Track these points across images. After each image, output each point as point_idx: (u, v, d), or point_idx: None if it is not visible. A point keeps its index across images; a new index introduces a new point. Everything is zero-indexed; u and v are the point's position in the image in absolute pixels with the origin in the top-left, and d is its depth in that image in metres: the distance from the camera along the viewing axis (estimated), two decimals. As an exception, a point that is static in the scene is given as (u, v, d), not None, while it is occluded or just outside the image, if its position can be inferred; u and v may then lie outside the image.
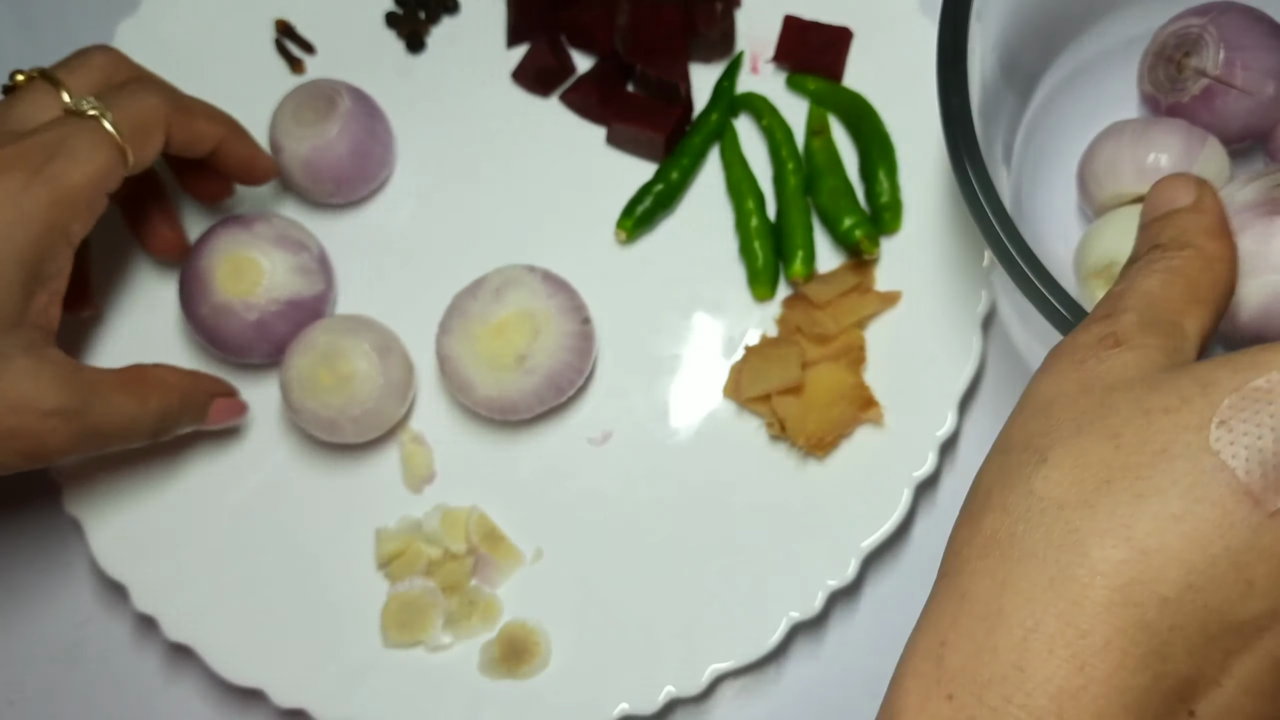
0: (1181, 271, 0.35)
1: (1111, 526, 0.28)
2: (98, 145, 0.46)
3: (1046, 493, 0.29)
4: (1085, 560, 0.27)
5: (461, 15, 0.60)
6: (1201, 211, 0.37)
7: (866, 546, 0.50)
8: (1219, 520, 0.27)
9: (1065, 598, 0.27)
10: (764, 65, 0.58)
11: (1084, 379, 0.32)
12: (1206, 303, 0.35)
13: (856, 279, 0.53)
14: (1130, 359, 0.31)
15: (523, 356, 0.51)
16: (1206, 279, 0.35)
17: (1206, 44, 0.49)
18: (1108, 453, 0.29)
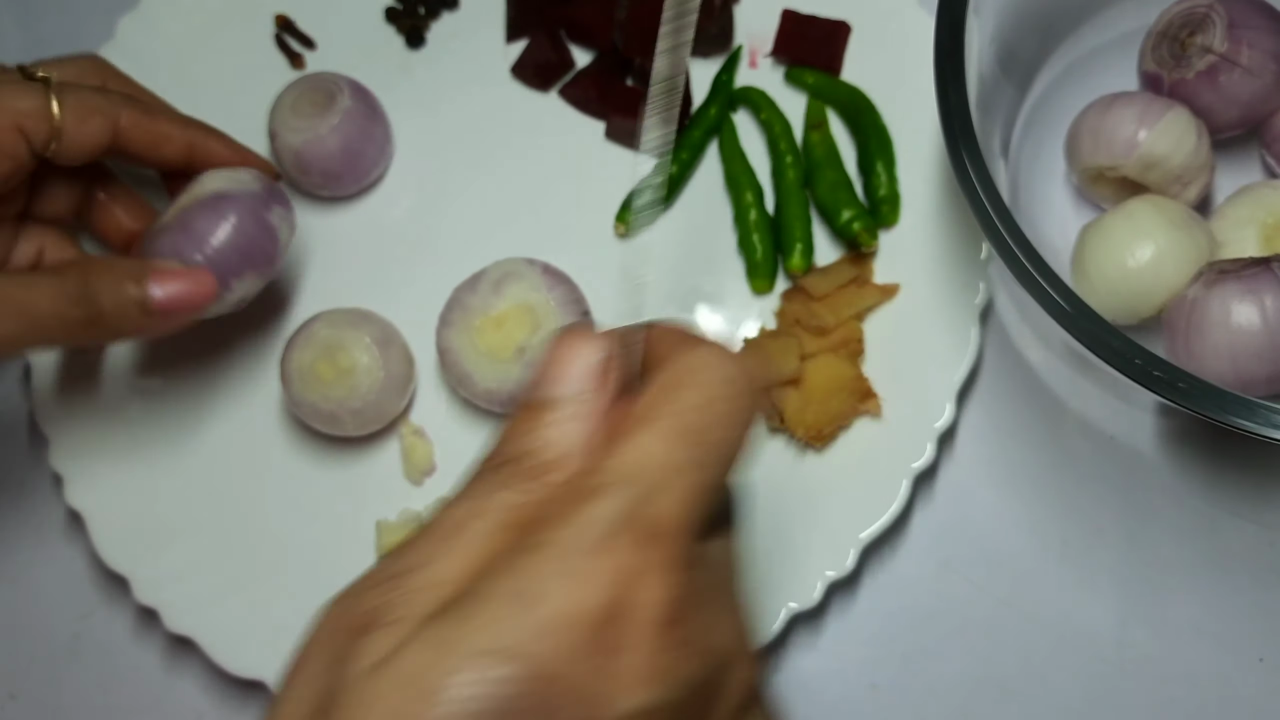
0: (514, 525, 0.29)
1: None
2: (25, 94, 0.46)
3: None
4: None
5: (461, 10, 0.61)
6: (575, 418, 0.31)
7: (865, 537, 0.50)
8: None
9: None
10: (762, 59, 0.58)
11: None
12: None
13: (855, 272, 0.54)
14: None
15: (523, 349, 0.51)
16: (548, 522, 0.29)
17: (1213, 23, 0.49)
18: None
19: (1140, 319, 0.48)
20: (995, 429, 0.53)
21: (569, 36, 0.59)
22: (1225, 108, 0.50)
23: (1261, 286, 0.45)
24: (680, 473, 0.29)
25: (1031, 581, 0.51)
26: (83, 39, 0.61)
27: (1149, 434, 0.53)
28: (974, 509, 0.53)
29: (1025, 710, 0.50)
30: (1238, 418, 0.39)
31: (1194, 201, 0.50)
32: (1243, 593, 0.51)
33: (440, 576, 0.28)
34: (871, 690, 0.51)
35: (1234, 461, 0.52)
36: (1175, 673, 0.50)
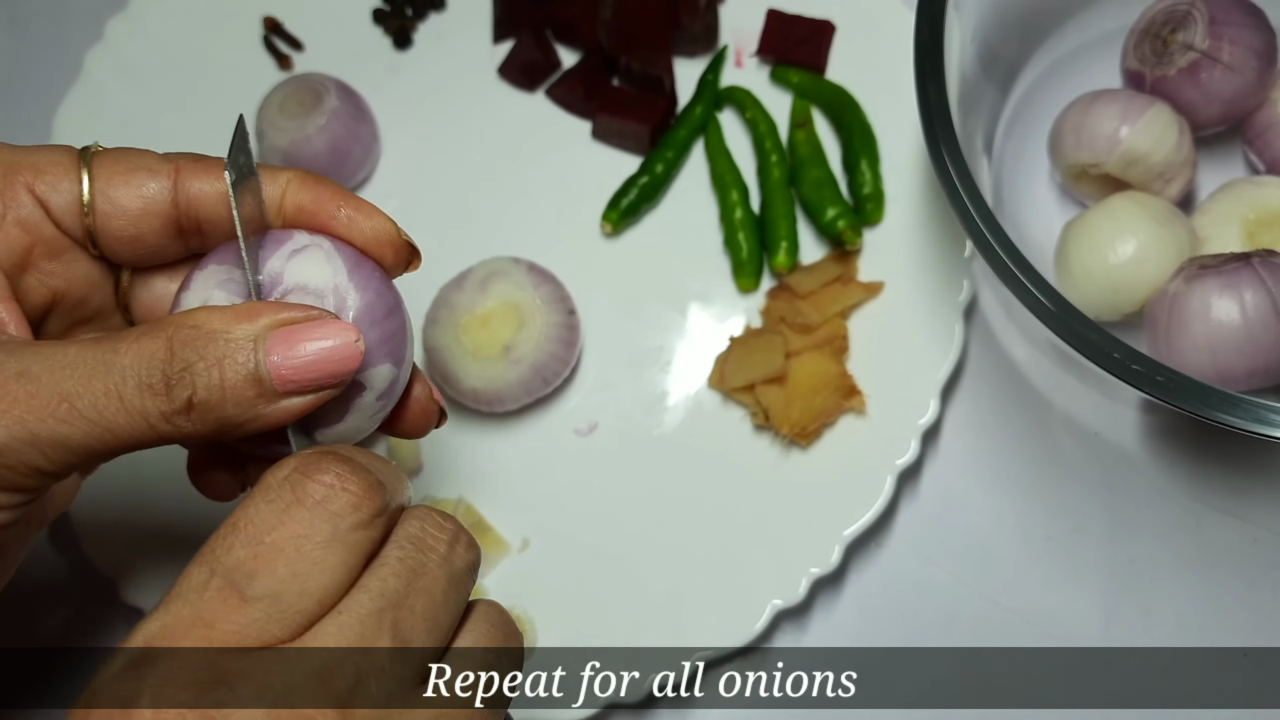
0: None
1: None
2: (46, 151, 0.35)
3: None
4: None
5: (448, 11, 0.61)
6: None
7: (849, 534, 0.50)
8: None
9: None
10: (747, 59, 0.58)
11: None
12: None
13: (839, 269, 0.54)
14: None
15: (508, 348, 0.51)
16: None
17: (1195, 20, 0.49)
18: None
19: (1123, 315, 0.48)
20: (980, 425, 0.54)
21: (555, 37, 0.59)
22: (1207, 104, 0.50)
23: (1242, 281, 0.45)
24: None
25: (1016, 577, 0.52)
26: (71, 41, 0.61)
27: (1133, 430, 0.53)
28: (958, 505, 0.53)
29: (1009, 705, 0.50)
30: (1217, 411, 0.40)
31: (1176, 198, 0.51)
32: (1227, 587, 0.51)
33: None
34: (856, 686, 0.51)
35: (1217, 457, 0.52)
36: (1160, 667, 0.50)
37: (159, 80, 0.59)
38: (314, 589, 0.29)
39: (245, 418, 0.31)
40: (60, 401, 0.30)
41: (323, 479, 0.30)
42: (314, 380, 0.31)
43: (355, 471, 0.30)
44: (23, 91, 0.63)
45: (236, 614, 0.28)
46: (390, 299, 0.34)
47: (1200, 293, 0.45)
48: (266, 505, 0.30)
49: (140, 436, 0.31)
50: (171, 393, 0.30)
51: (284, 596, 0.29)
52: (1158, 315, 0.46)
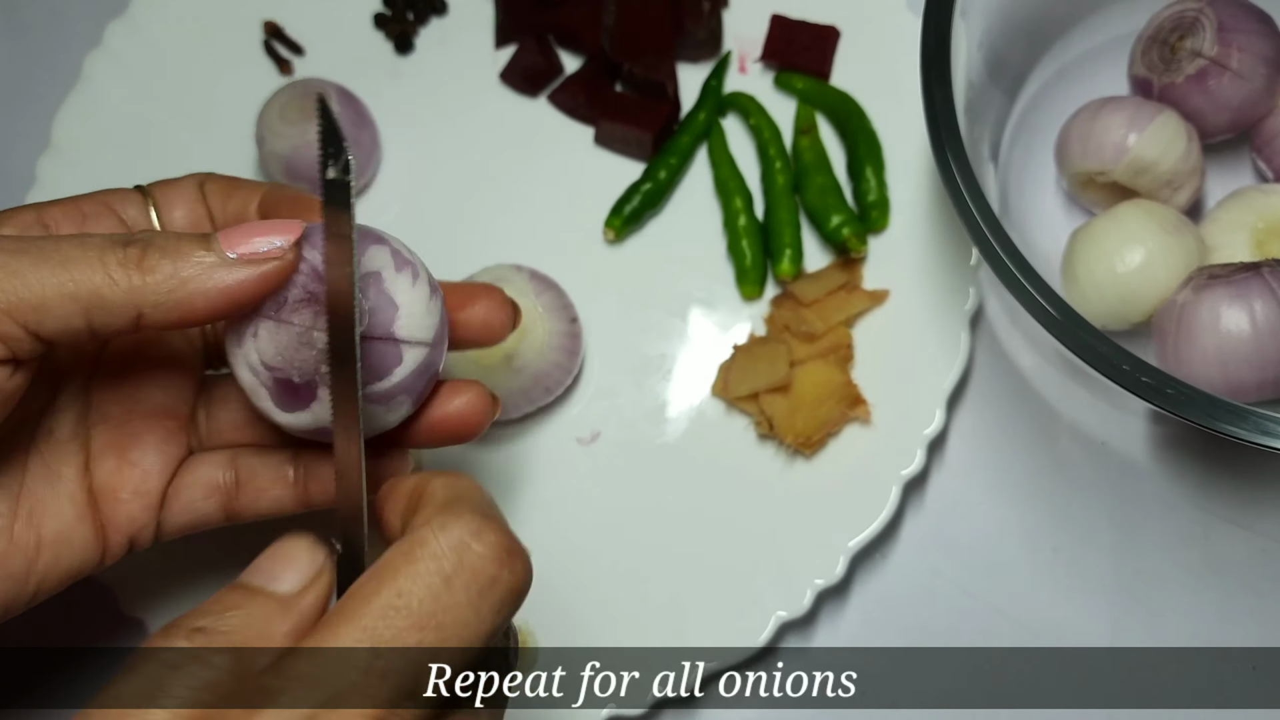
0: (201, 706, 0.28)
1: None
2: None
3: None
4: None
5: (450, 16, 0.60)
6: (288, 609, 0.31)
7: (855, 545, 0.49)
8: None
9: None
10: (751, 64, 0.58)
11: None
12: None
13: (844, 277, 0.53)
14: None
15: (510, 356, 0.51)
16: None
17: (1203, 26, 0.49)
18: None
19: (1130, 324, 0.48)
20: (986, 435, 0.53)
21: (558, 42, 0.59)
22: (1215, 112, 0.50)
23: (1251, 292, 0.44)
24: (375, 675, 0.29)
25: (1023, 588, 0.51)
26: (71, 45, 0.61)
27: (1141, 440, 0.53)
28: (965, 516, 0.52)
29: (1017, 718, 0.50)
30: (1227, 424, 0.39)
31: (1184, 206, 0.50)
32: (1235, 599, 0.50)
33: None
34: (862, 698, 0.51)
35: (1226, 468, 0.52)
36: (1168, 680, 0.50)
37: (158, 85, 0.59)
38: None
39: (192, 272, 0.33)
40: (35, 248, 0.33)
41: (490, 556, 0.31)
42: (254, 236, 0.34)
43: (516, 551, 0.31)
44: (22, 96, 0.63)
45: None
46: (434, 291, 0.38)
47: (1209, 303, 0.44)
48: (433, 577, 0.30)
49: (98, 285, 0.33)
50: (129, 245, 0.33)
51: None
52: (1166, 325, 0.46)
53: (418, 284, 0.37)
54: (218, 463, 0.41)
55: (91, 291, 0.33)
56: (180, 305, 0.33)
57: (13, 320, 0.32)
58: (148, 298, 0.33)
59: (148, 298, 0.33)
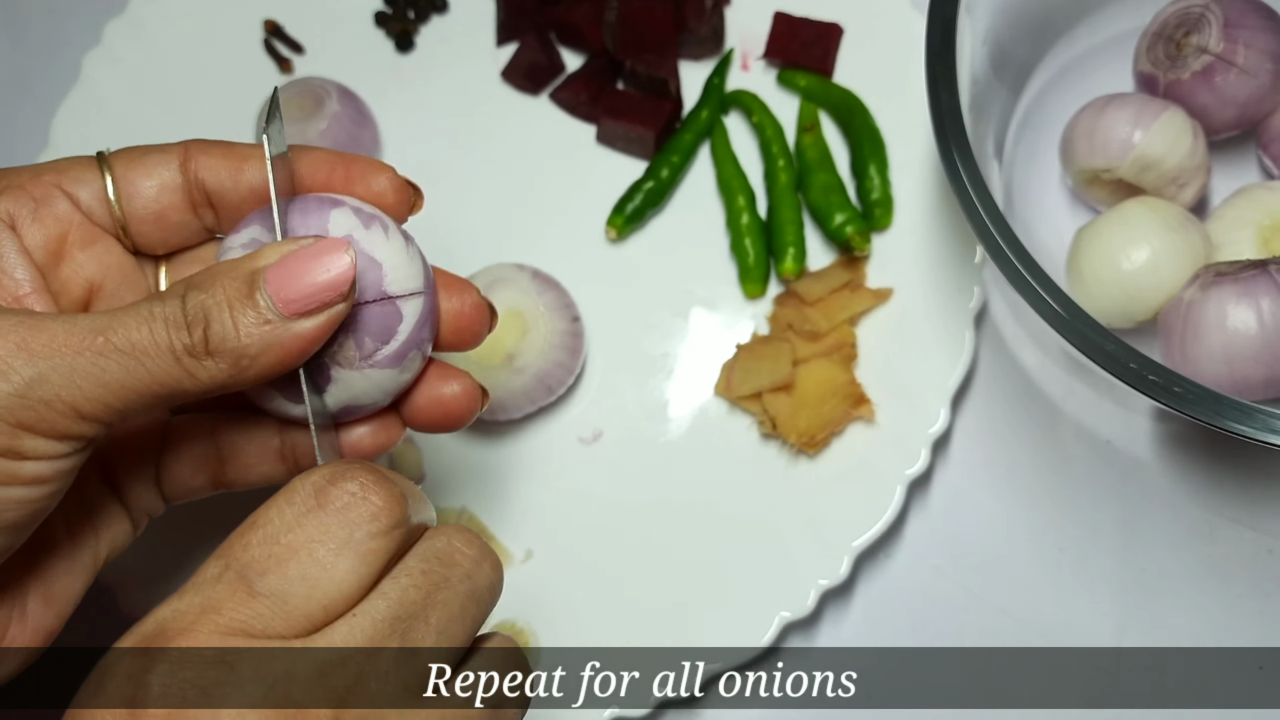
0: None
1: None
2: (67, 161, 0.38)
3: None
4: None
5: (451, 14, 0.60)
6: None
7: (859, 545, 0.49)
8: None
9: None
10: (754, 62, 0.58)
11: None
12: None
13: (848, 276, 0.53)
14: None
15: (512, 355, 0.51)
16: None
17: (1209, 23, 0.49)
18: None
19: (1136, 322, 0.48)
20: (990, 434, 0.53)
21: (559, 40, 0.59)
22: (1221, 108, 0.50)
23: (1258, 289, 0.44)
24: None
25: (1028, 588, 0.51)
26: (70, 44, 0.61)
27: (1146, 439, 0.52)
28: (969, 515, 0.52)
29: (1022, 718, 0.49)
30: (1233, 422, 0.39)
31: (1190, 203, 0.50)
32: (1241, 599, 0.50)
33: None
34: (866, 699, 0.50)
35: (1232, 466, 0.52)
36: (1173, 680, 0.49)
37: (158, 84, 0.59)
38: (320, 593, 0.30)
39: (260, 347, 0.32)
40: (95, 335, 0.31)
41: (347, 487, 0.31)
42: (312, 294, 0.32)
43: (380, 483, 0.31)
44: (21, 95, 0.62)
45: (243, 606, 0.29)
46: (407, 238, 0.37)
47: (1216, 300, 0.44)
48: (289, 508, 0.31)
49: (171, 375, 0.32)
50: (191, 328, 0.31)
51: (290, 596, 0.30)
52: (1172, 323, 0.46)
53: (391, 235, 0.36)
54: (198, 437, 0.39)
55: (175, 385, 0.32)
56: (257, 374, 0.32)
57: (96, 422, 0.31)
58: (225, 378, 0.32)
59: (225, 378, 0.32)
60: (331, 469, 0.32)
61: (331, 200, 0.36)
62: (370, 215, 0.36)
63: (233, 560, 0.30)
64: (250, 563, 0.30)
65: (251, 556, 0.30)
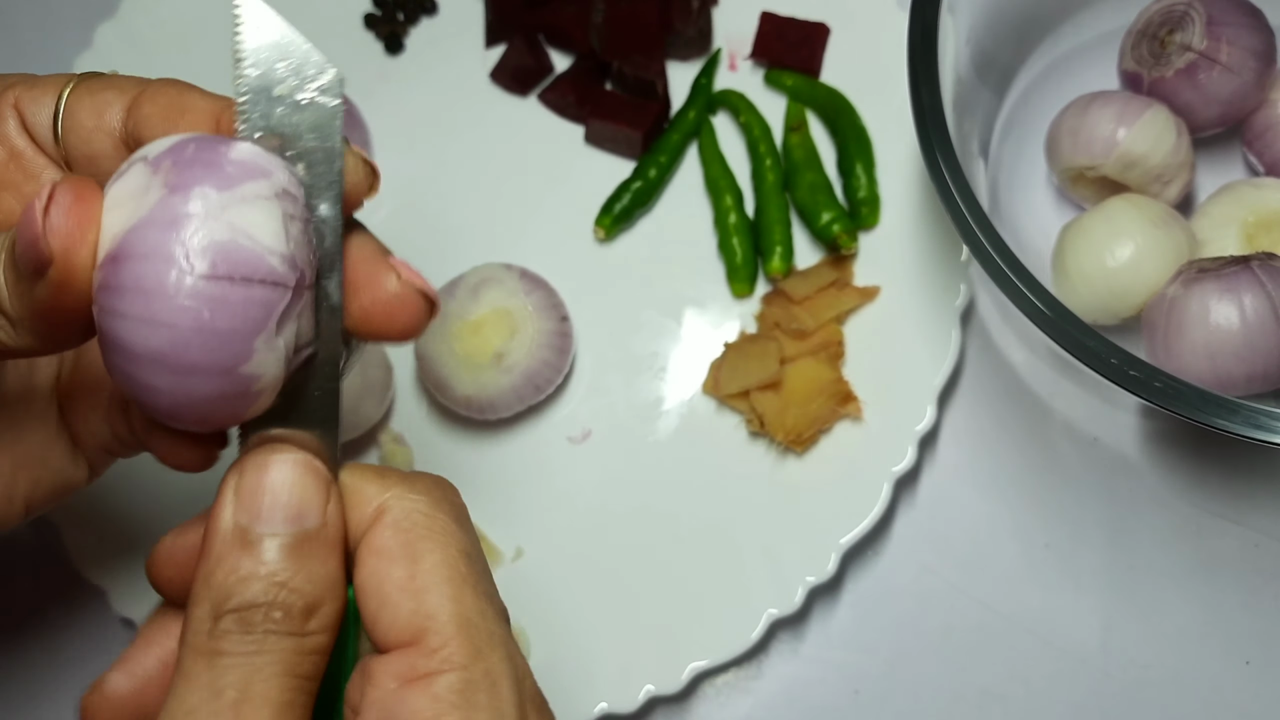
0: (306, 677, 0.28)
1: None
2: (14, 77, 0.35)
3: None
4: None
5: (440, 16, 0.60)
6: (326, 546, 0.29)
7: (846, 542, 0.49)
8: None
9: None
10: (741, 62, 0.58)
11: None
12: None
13: (835, 274, 0.53)
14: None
15: (501, 355, 0.51)
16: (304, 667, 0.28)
17: (1192, 20, 0.49)
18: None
19: (1121, 319, 0.48)
20: (977, 431, 0.53)
21: (547, 41, 0.59)
22: (1205, 106, 0.50)
23: (1241, 285, 0.44)
24: (503, 623, 0.29)
25: (1015, 585, 0.51)
26: (61, 47, 0.61)
27: (1133, 436, 0.52)
28: (956, 512, 0.52)
29: (1008, 715, 0.50)
30: (1216, 418, 0.39)
31: (1175, 200, 0.50)
32: (1228, 595, 0.50)
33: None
34: (854, 696, 0.50)
35: (1218, 463, 0.52)
36: (1161, 677, 0.50)
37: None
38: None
39: (25, 309, 0.28)
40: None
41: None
42: (25, 250, 0.27)
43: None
44: (12, 99, 0.62)
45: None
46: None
47: (1199, 297, 0.44)
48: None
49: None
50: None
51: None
52: (1156, 320, 0.46)
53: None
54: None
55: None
56: (46, 344, 0.29)
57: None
58: (22, 345, 0.29)
59: (22, 345, 0.29)
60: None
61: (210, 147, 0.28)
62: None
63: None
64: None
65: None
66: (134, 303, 0.27)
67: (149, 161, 0.28)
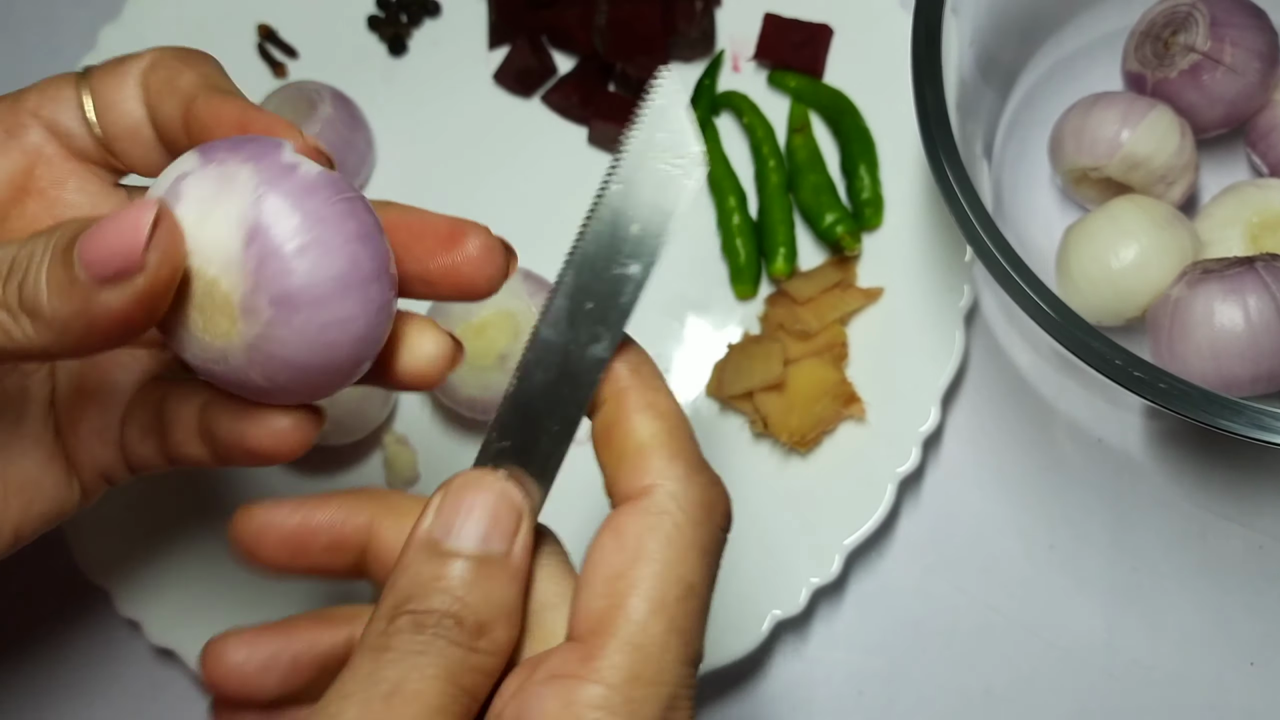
0: (466, 690, 0.28)
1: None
2: (45, 83, 0.35)
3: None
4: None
5: (443, 18, 0.60)
6: (508, 574, 0.30)
7: (850, 543, 0.49)
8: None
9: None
10: (745, 63, 0.58)
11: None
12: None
13: (838, 275, 0.53)
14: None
15: (505, 356, 0.51)
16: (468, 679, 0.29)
17: (1196, 21, 0.49)
18: None
19: (1125, 320, 0.48)
20: (981, 432, 0.53)
21: (551, 43, 0.59)
22: (1209, 107, 0.50)
23: (1245, 286, 0.44)
24: (691, 665, 0.28)
25: (1019, 586, 0.51)
26: (65, 48, 0.61)
27: (1137, 436, 0.52)
28: (960, 513, 0.52)
29: (1013, 716, 0.50)
30: (1220, 418, 0.39)
31: (1179, 201, 0.50)
32: (1233, 596, 0.50)
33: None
34: (859, 697, 0.50)
35: (1223, 464, 0.52)
36: (1165, 677, 0.50)
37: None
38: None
39: (68, 313, 0.28)
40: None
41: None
42: (107, 259, 0.27)
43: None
44: (16, 101, 0.63)
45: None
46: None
47: (1203, 297, 0.44)
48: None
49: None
50: (8, 280, 0.28)
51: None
52: (1160, 320, 0.46)
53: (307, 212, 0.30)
54: (149, 402, 0.36)
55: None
56: (76, 345, 0.28)
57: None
58: (39, 345, 0.29)
59: (39, 345, 0.29)
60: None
61: (261, 150, 0.30)
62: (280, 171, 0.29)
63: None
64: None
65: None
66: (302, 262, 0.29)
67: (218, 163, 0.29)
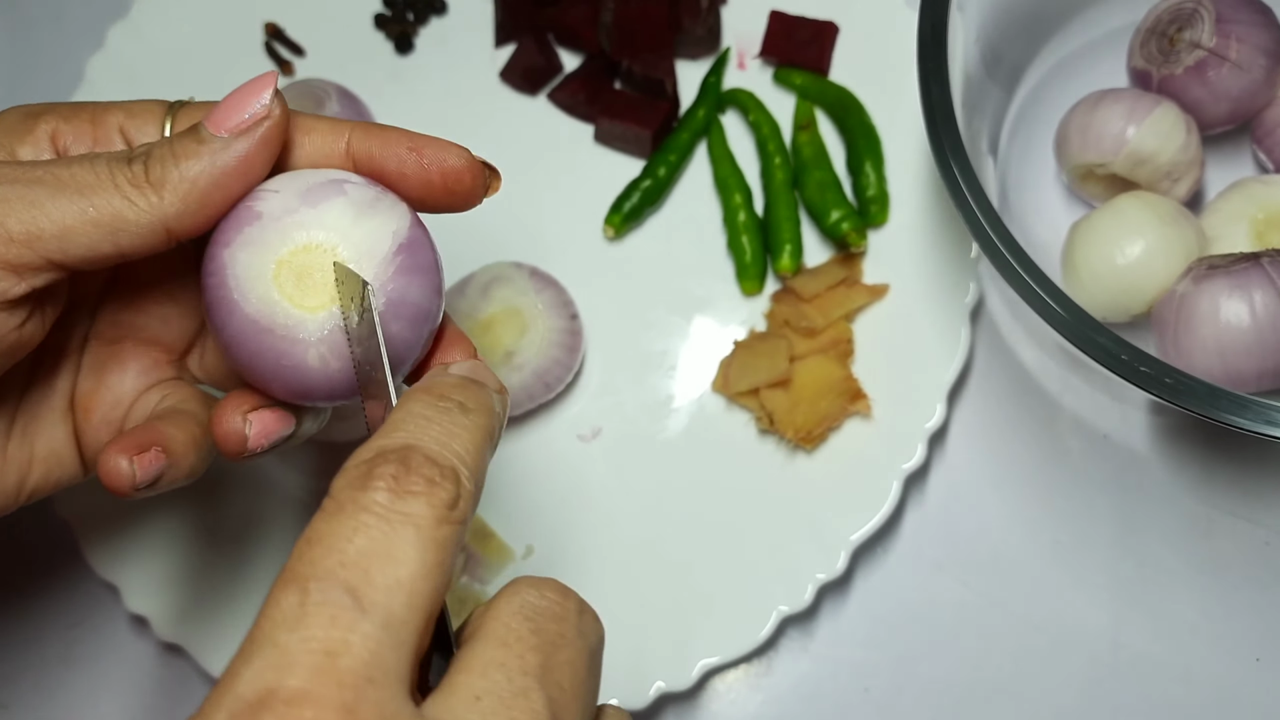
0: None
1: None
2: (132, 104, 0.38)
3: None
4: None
5: (449, 16, 0.61)
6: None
7: (856, 539, 0.49)
8: None
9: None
10: (750, 60, 0.58)
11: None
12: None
13: (844, 272, 0.53)
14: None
15: (511, 353, 0.51)
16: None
17: (1201, 18, 0.49)
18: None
19: (1131, 316, 0.48)
20: (987, 428, 0.53)
21: (557, 40, 0.59)
22: (1214, 103, 0.50)
23: (1251, 282, 0.44)
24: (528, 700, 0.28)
25: (1024, 582, 0.51)
26: (73, 47, 0.61)
27: (1142, 432, 0.52)
28: (966, 510, 0.52)
29: (1019, 712, 0.50)
30: (1226, 413, 0.39)
31: (1184, 197, 0.50)
32: (1238, 592, 0.50)
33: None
34: (864, 693, 0.51)
35: (1228, 459, 0.52)
36: (1171, 673, 0.50)
37: (161, 87, 0.59)
38: (418, 600, 0.26)
39: (198, 169, 0.33)
40: (37, 169, 0.33)
41: (379, 485, 0.28)
42: (243, 111, 0.34)
43: (412, 470, 0.28)
44: (24, 98, 0.62)
45: (352, 636, 0.25)
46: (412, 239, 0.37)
47: (1209, 293, 0.44)
48: (339, 514, 0.27)
49: (110, 206, 0.33)
50: (132, 162, 0.33)
51: (391, 613, 0.26)
52: (1166, 316, 0.46)
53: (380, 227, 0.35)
54: (154, 399, 0.39)
55: (114, 216, 0.32)
56: (200, 204, 0.33)
57: (34, 251, 0.32)
58: (167, 211, 0.33)
59: (167, 211, 0.33)
60: (361, 467, 0.28)
61: (336, 184, 0.34)
62: (369, 203, 0.35)
63: (311, 582, 0.26)
64: (331, 577, 0.26)
65: (328, 571, 0.26)
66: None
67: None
